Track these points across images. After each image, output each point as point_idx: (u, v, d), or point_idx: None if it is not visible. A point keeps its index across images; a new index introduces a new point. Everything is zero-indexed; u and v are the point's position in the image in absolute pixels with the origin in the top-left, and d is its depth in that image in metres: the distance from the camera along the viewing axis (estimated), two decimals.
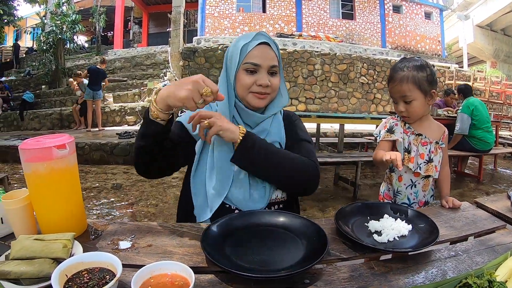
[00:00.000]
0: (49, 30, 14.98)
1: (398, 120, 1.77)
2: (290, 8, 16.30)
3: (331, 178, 5.54)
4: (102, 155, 7.20)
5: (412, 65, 1.65)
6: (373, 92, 11.97)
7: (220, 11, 16.11)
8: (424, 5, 18.44)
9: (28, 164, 0.99)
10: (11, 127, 12.30)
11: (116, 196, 4.91)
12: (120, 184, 5.55)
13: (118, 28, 19.89)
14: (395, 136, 1.72)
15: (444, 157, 1.79)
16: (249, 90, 1.34)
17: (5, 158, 8.31)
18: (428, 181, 1.76)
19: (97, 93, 9.74)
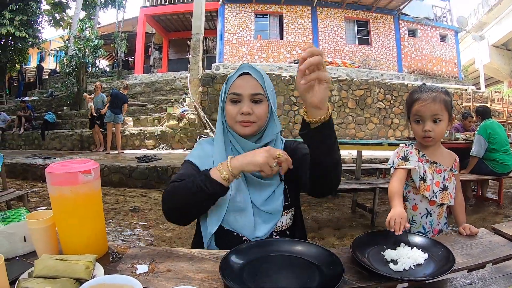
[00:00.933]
0: (72, 54, 15.47)
1: (411, 148, 1.77)
2: (306, 35, 16.49)
3: (349, 205, 5.47)
4: (121, 177, 7.26)
5: (438, 89, 1.69)
6: (390, 117, 11.87)
7: (239, 38, 16.37)
8: (439, 27, 18.45)
9: (54, 187, 1.03)
10: (32, 145, 12.66)
11: (134, 219, 4.93)
12: (138, 207, 5.58)
13: (139, 54, 20.32)
14: (410, 165, 1.70)
15: (457, 184, 1.77)
16: (235, 120, 1.37)
17: (26, 176, 8.48)
18: (442, 209, 1.75)
19: (118, 116, 9.92)
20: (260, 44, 16.25)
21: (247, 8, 16.63)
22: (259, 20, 16.85)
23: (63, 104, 15.97)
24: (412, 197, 1.76)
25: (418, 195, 1.73)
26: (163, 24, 22.14)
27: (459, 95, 13.13)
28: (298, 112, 11.35)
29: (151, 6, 19.93)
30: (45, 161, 8.69)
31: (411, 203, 1.76)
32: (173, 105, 12.10)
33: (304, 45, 15.27)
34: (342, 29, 16.81)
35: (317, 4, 16.49)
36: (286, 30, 16.55)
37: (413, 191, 1.76)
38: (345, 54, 16.46)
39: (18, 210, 1.28)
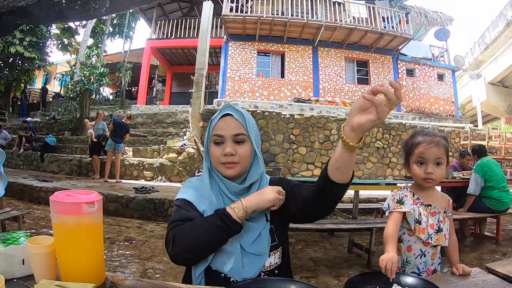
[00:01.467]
0: (78, 79, 15.75)
1: (406, 191, 1.81)
2: (307, 74, 16.75)
3: (346, 244, 5.42)
4: (117, 207, 7.24)
5: (439, 134, 1.78)
6: (388, 156, 11.95)
7: (241, 75, 16.59)
8: (436, 67, 18.73)
9: (57, 215, 1.07)
10: (31, 166, 12.74)
11: (128, 250, 4.89)
12: (133, 238, 5.54)
13: (142, 85, 20.57)
14: (405, 208, 1.74)
15: (450, 225, 1.82)
16: (219, 161, 1.37)
17: (22, 196, 8.51)
18: (436, 249, 1.78)
19: (119, 145, 10.02)
20: (262, 81, 16.49)
21: (250, 46, 16.94)
22: (262, 58, 17.14)
23: (65, 128, 16.12)
24: (407, 239, 1.79)
25: (412, 237, 1.77)
26: (168, 57, 22.54)
27: (456, 133, 13.23)
28: (297, 150, 11.41)
29: (157, 39, 20.32)
30: (42, 183, 8.68)
31: (405, 244, 1.79)
32: (174, 138, 12.17)
33: (305, 84, 15.45)
34: (342, 68, 17.10)
35: (318, 44, 16.83)
36: (287, 68, 16.82)
37: (408, 232, 1.80)
38: (345, 94, 16.67)
39: (17, 232, 1.31)
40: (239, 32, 16.70)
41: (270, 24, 15.83)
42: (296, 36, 16.73)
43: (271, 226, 1.42)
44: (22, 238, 1.25)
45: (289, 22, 15.62)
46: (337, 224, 4.80)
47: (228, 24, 16.21)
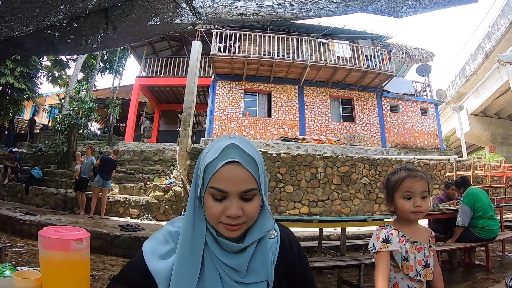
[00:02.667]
0: (66, 113, 15.80)
1: (391, 229, 1.81)
2: (293, 112, 17.00)
3: (334, 282, 5.35)
4: (102, 244, 7.11)
5: (419, 169, 1.83)
6: (375, 192, 12.01)
7: (228, 114, 16.76)
8: (419, 102, 19.15)
9: (45, 250, 1.08)
10: (15, 198, 12.52)
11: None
12: None
13: (130, 121, 20.53)
14: (392, 247, 1.74)
15: (434, 258, 1.83)
16: (218, 220, 1.05)
17: (4, 228, 8.35)
18: (422, 284, 1.77)
19: (107, 182, 10.00)
20: (249, 121, 16.66)
21: (237, 85, 17.23)
22: (249, 97, 17.40)
23: (51, 161, 15.89)
24: (393, 276, 1.78)
25: (399, 273, 1.76)
26: (156, 94, 22.66)
27: (442, 165, 13.40)
28: (284, 189, 11.43)
29: (146, 77, 20.46)
30: (26, 216, 8.53)
31: (392, 281, 1.77)
32: (160, 176, 12.11)
33: (291, 123, 15.66)
34: (328, 107, 17.41)
35: (304, 84, 17.20)
36: (274, 108, 17.08)
37: (394, 269, 1.78)
38: (331, 131, 16.89)
39: (3, 265, 1.31)
40: (227, 71, 17.02)
41: (257, 64, 16.18)
42: (282, 75, 17.11)
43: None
44: (7, 271, 1.25)
45: (276, 62, 16.00)
46: (325, 261, 4.78)
47: (216, 64, 16.50)
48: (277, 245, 1.17)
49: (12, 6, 2.95)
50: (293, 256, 1.20)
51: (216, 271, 1.07)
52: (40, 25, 3.35)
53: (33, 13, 3.11)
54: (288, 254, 1.19)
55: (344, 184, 11.82)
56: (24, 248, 6.88)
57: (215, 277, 1.06)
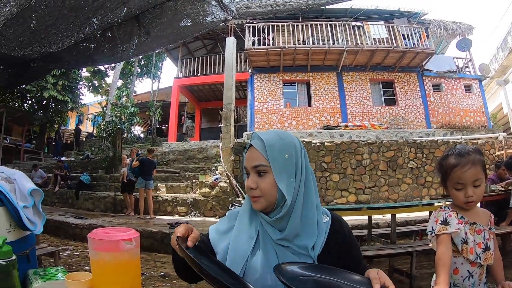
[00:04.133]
0: (109, 120, 16.34)
1: (449, 210, 1.73)
2: (334, 100, 16.73)
3: (385, 270, 5.23)
4: (152, 243, 7.30)
5: (472, 149, 1.69)
6: (423, 176, 11.58)
7: (268, 106, 16.76)
8: (462, 78, 18.23)
9: (95, 252, 1.09)
10: (66, 204, 13.18)
11: (163, 285, 4.91)
12: (169, 273, 5.55)
13: (172, 122, 20.98)
14: (451, 228, 1.66)
15: (494, 242, 1.74)
16: (248, 194, 1.28)
17: (57, 233, 8.75)
18: (483, 269, 1.69)
19: (149, 182, 10.26)
20: (290, 112, 16.59)
21: (275, 77, 17.18)
22: (287, 88, 17.30)
23: (99, 166, 16.55)
24: (453, 261, 1.68)
25: (459, 258, 1.69)
26: (196, 94, 23.00)
27: (490, 144, 12.71)
28: (330, 178, 11.28)
29: (184, 77, 20.82)
30: (78, 220, 8.94)
31: (452, 267, 1.68)
32: (206, 173, 12.25)
33: (333, 111, 15.39)
34: (368, 91, 17.03)
35: (342, 69, 16.89)
36: (314, 96, 16.88)
37: (453, 254, 1.69)
38: (373, 116, 16.51)
39: (55, 268, 1.35)
40: (263, 64, 16.99)
41: (293, 54, 16.06)
42: (319, 63, 16.88)
43: None
44: (60, 274, 1.28)
45: (311, 50, 15.82)
46: (376, 250, 4.70)
47: (252, 58, 16.52)
48: (327, 227, 1.29)
49: (46, 24, 3.04)
50: (344, 239, 1.31)
51: (269, 242, 1.24)
52: (75, 39, 3.44)
53: (67, 28, 3.20)
54: (338, 236, 1.29)
55: (391, 170, 11.53)
56: (77, 251, 7.17)
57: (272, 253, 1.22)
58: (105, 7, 2.99)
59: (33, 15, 2.91)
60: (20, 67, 4.40)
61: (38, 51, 3.65)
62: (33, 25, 3.05)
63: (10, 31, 3.13)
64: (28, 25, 3.05)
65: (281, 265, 1.09)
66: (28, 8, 2.77)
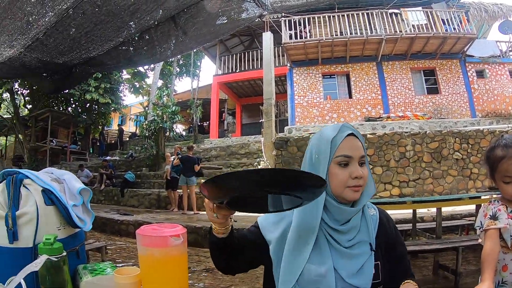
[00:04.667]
0: (152, 119, 16.69)
1: (498, 204, 1.64)
2: (375, 91, 16.38)
3: (430, 266, 5.12)
4: (196, 238, 7.45)
5: None
6: (469, 167, 11.04)
7: (309, 100, 16.63)
8: (507, 63, 17.15)
9: (144, 248, 1.12)
10: (112, 201, 13.73)
11: (207, 279, 5.03)
12: (212, 268, 5.60)
13: (213, 119, 21.27)
14: (500, 224, 1.57)
15: None
16: (346, 185, 1.23)
17: (104, 229, 9.13)
18: None
19: (190, 179, 10.46)
20: (330, 104, 16.40)
21: (314, 70, 17.03)
22: (327, 80, 17.10)
23: (142, 165, 17.04)
24: (502, 257, 1.59)
25: (508, 254, 1.59)
26: (235, 90, 23.18)
27: None
28: (372, 171, 10.90)
29: (223, 74, 21.01)
30: (123, 217, 9.32)
31: (500, 263, 1.59)
32: (248, 168, 12.29)
33: (374, 102, 15.07)
34: (410, 80, 16.53)
35: (381, 59, 16.51)
36: (354, 88, 16.61)
37: (502, 250, 1.59)
38: (416, 106, 16.03)
39: (104, 263, 1.38)
40: (302, 57, 16.89)
41: (331, 46, 15.88)
42: (358, 54, 16.58)
43: (377, 262, 1.26)
44: (109, 269, 1.31)
45: (349, 41, 15.56)
46: (421, 245, 4.63)
47: (289, 52, 16.47)
48: (376, 220, 1.35)
49: (85, 30, 3.16)
50: (391, 232, 1.36)
51: (325, 238, 1.24)
52: (114, 43, 3.55)
53: (105, 33, 3.29)
54: (386, 229, 1.35)
55: (435, 161, 11.12)
56: (123, 246, 7.45)
57: (323, 243, 1.23)
58: (141, 10, 3.05)
59: (72, 23, 3.00)
60: (62, 73, 4.61)
61: (79, 57, 3.80)
62: (73, 32, 3.17)
63: (51, 39, 3.27)
64: (67, 33, 3.17)
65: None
66: (67, 16, 2.87)
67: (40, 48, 3.47)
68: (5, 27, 2.98)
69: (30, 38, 3.18)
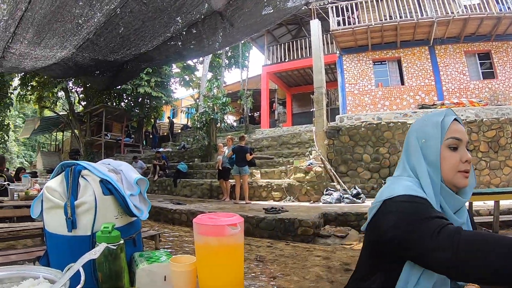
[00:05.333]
0: (203, 111, 17.09)
1: None
2: (428, 77, 15.73)
3: None
4: (248, 227, 7.47)
5: None
6: None
7: (360, 87, 16.35)
8: None
9: (200, 237, 1.13)
10: (165, 191, 14.29)
11: (258, 268, 5.13)
12: (263, 257, 5.78)
13: (264, 109, 21.42)
14: None
15: None
16: (457, 169, 1.19)
17: (158, 218, 9.54)
18: None
19: (243, 169, 10.63)
20: (382, 92, 16.01)
21: (364, 56, 16.69)
22: (378, 67, 16.69)
23: (195, 155, 17.55)
24: None
25: None
26: (285, 80, 23.16)
27: None
28: None
29: (271, 64, 21.06)
30: (176, 206, 9.69)
31: None
32: (300, 158, 12.33)
33: (427, 88, 14.52)
34: (464, 65, 15.68)
35: (433, 43, 15.78)
36: (406, 74, 16.09)
37: None
38: (471, 92, 15.22)
39: (159, 251, 1.39)
40: (351, 44, 16.60)
41: (381, 31, 15.47)
42: (409, 38, 16.02)
43: None
44: (164, 257, 1.33)
45: (399, 25, 15.05)
46: None
47: (338, 39, 16.23)
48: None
49: (133, 27, 3.35)
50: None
51: None
52: (163, 39, 3.71)
53: (154, 29, 3.47)
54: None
55: (492, 151, 10.67)
56: (176, 235, 7.79)
57: None
58: (187, 5, 3.18)
59: (120, 22, 3.20)
60: (114, 70, 4.87)
61: (129, 54, 4.00)
62: (122, 30, 3.35)
63: (101, 39, 3.48)
64: (117, 32, 3.36)
65: None
66: (115, 16, 3.06)
67: (91, 48, 3.72)
68: (56, 30, 3.21)
69: (81, 38, 3.44)
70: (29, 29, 3.14)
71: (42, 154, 30.47)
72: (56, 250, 1.29)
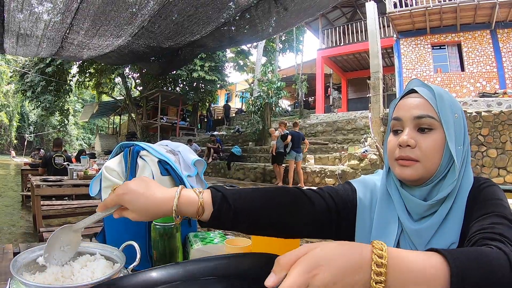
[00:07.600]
0: (257, 95, 17.22)
1: None
2: (490, 63, 14.84)
3: None
4: None
5: None
6: None
7: (418, 73, 15.84)
8: None
9: None
10: (218, 174, 14.75)
11: None
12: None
13: (319, 94, 21.32)
14: None
15: None
16: (394, 156, 0.95)
17: None
18: None
19: (299, 155, 10.87)
20: (441, 78, 15.42)
21: (422, 40, 16.16)
22: (437, 52, 16.09)
23: (249, 139, 17.92)
24: None
25: None
26: (340, 64, 22.90)
27: None
28: (486, 153, 10.01)
29: (326, 48, 20.85)
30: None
31: None
32: (354, 145, 12.29)
33: (489, 76, 13.85)
34: None
35: (496, 26, 14.85)
36: (466, 60, 15.32)
37: None
38: None
39: (214, 233, 1.44)
40: (408, 27, 16.12)
41: (439, 13, 14.83)
42: (469, 21, 15.18)
43: None
44: (218, 238, 1.36)
45: (459, 7, 14.29)
46: None
47: (395, 22, 15.81)
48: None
49: (187, 14, 3.46)
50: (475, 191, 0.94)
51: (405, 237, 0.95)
52: (216, 24, 3.79)
53: (207, 15, 3.56)
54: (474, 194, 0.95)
55: None
56: None
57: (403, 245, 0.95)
58: None
59: (174, 9, 3.31)
60: (169, 56, 5.08)
61: (183, 40, 4.10)
62: (175, 17, 3.48)
63: (156, 26, 3.63)
64: (171, 19, 3.50)
65: None
66: (168, 3, 3.18)
67: (146, 35, 3.92)
68: (111, 20, 3.44)
69: (136, 26, 3.63)
70: (85, 20, 3.36)
71: (100, 136, 32.69)
72: (112, 228, 1.39)
